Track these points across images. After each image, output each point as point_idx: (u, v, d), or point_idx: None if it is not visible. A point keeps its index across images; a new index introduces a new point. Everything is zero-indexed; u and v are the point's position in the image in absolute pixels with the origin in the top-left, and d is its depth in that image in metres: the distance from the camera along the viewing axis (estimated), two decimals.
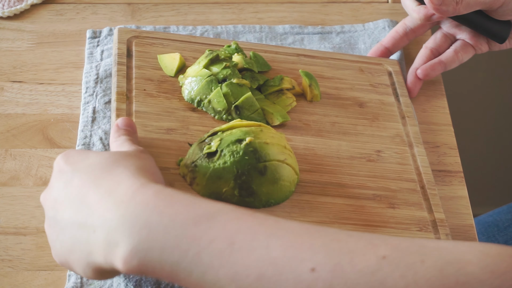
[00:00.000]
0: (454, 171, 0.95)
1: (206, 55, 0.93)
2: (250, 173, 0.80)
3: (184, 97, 0.91)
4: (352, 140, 0.91)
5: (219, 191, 0.81)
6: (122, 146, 0.79)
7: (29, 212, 0.90)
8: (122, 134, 0.81)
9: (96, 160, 0.73)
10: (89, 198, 0.70)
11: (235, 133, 0.82)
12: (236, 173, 0.80)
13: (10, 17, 1.11)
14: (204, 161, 0.81)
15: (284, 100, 0.93)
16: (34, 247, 0.87)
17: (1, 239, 0.88)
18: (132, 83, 0.91)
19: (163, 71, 0.94)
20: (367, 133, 0.92)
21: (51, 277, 0.85)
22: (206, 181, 0.81)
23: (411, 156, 0.91)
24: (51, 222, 0.73)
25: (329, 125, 0.92)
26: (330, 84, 0.97)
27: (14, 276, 0.85)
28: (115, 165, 0.72)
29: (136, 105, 0.89)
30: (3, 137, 0.97)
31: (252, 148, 0.81)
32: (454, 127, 1.01)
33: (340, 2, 1.15)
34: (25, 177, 0.93)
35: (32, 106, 1.01)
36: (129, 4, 1.13)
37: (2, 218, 0.90)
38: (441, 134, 0.99)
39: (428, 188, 0.87)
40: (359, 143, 0.91)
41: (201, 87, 0.90)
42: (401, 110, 0.96)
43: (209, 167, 0.81)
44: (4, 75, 1.04)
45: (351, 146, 0.90)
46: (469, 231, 0.91)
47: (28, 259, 0.87)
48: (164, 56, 0.95)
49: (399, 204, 0.84)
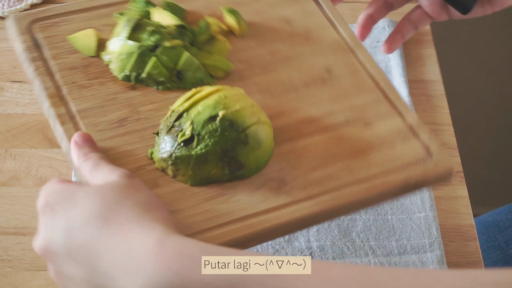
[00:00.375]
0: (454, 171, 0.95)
1: (125, 24, 0.84)
2: (235, 147, 0.76)
3: (118, 76, 0.83)
4: (298, 65, 0.86)
5: (208, 175, 0.77)
6: (99, 169, 0.71)
7: (29, 212, 0.90)
8: (89, 152, 0.73)
9: (88, 205, 0.66)
10: (102, 261, 0.64)
11: (204, 111, 0.77)
12: (221, 152, 0.76)
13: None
14: (183, 150, 0.76)
15: (219, 46, 0.86)
16: None
17: (1, 239, 0.88)
18: (57, 79, 0.81)
19: (81, 53, 0.84)
20: (308, 51, 0.88)
21: (51, 277, 0.85)
22: (191, 170, 0.77)
23: (359, 63, 0.87)
24: (59, 275, 0.68)
25: (269, 56, 0.87)
26: (249, 9, 0.91)
27: (14, 276, 0.85)
28: (116, 211, 0.65)
29: (74, 104, 0.79)
30: (3, 137, 0.97)
31: (228, 122, 0.76)
32: (454, 127, 1.01)
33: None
34: (25, 177, 0.93)
35: (32, 106, 1.01)
36: None
37: (2, 218, 0.90)
38: (441, 134, 0.99)
39: (388, 91, 0.84)
40: (306, 65, 0.86)
41: (135, 62, 0.82)
42: (326, 15, 0.91)
43: (191, 155, 0.76)
44: (4, 75, 1.04)
45: (300, 72, 0.85)
46: (469, 231, 0.91)
47: (28, 259, 0.87)
48: (76, 36, 0.84)
49: (373, 120, 0.82)
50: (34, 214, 0.90)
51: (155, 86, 0.82)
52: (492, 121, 1.80)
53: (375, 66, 0.86)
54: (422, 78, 1.05)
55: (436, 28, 1.13)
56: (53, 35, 0.84)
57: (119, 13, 0.86)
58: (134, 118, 0.79)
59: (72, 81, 0.81)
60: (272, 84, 0.85)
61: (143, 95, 0.82)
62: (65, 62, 0.82)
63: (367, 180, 0.76)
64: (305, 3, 0.92)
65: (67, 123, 0.77)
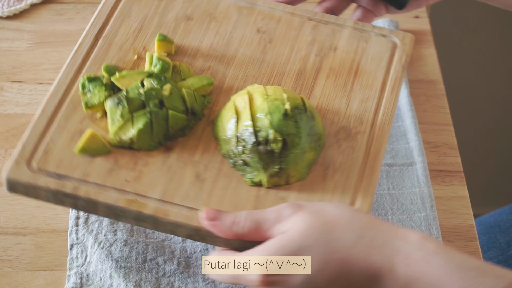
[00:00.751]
0: (454, 171, 0.95)
1: (116, 106, 0.80)
2: (312, 126, 0.81)
3: (149, 149, 0.81)
4: (287, 43, 0.92)
5: (309, 161, 0.81)
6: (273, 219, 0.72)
7: (29, 212, 0.90)
8: (232, 218, 0.73)
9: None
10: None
11: (271, 115, 0.80)
12: (308, 136, 0.81)
13: (9, 17, 1.11)
14: (285, 155, 0.80)
15: (184, 70, 0.87)
16: (34, 247, 0.87)
17: (1, 239, 0.88)
18: (125, 190, 0.78)
19: (99, 155, 0.80)
20: (283, 33, 0.93)
21: (51, 277, 0.85)
22: (299, 165, 0.80)
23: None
24: None
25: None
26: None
27: (14, 276, 0.85)
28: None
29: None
30: (3, 137, 0.97)
31: (296, 109, 0.81)
32: (454, 127, 1.00)
33: None
34: None
35: (32, 106, 1.01)
36: None
37: (2, 218, 0.90)
38: (441, 134, 0.99)
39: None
40: (297, 43, 0.92)
41: (155, 127, 0.81)
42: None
43: (295, 153, 0.80)
44: (4, 75, 1.04)
45: (292, 50, 0.92)
46: (469, 231, 0.91)
47: (28, 259, 0.86)
48: (81, 145, 0.80)
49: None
50: (34, 214, 0.90)
51: (182, 134, 0.83)
52: (492, 121, 1.80)
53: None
54: (422, 78, 1.05)
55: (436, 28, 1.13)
56: (58, 160, 0.79)
57: (88, 106, 0.82)
58: (204, 171, 0.80)
59: (125, 178, 0.79)
60: (261, 74, 0.89)
61: (181, 150, 0.82)
62: (98, 171, 0.79)
63: None
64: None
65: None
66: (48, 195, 0.77)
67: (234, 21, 0.93)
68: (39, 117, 0.81)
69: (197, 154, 0.81)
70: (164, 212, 0.76)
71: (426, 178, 0.94)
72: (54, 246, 0.88)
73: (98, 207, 0.76)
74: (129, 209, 0.76)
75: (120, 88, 0.82)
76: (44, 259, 0.87)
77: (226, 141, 0.81)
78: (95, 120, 0.82)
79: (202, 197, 0.78)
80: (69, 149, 0.79)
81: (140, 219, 0.76)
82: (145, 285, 0.84)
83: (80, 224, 0.88)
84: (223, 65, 0.89)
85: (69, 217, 0.89)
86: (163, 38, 0.89)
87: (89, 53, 0.87)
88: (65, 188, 0.76)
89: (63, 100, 0.83)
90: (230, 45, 0.91)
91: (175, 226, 0.76)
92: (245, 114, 0.80)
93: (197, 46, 0.90)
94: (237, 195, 0.79)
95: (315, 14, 0.94)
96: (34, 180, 0.76)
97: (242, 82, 0.88)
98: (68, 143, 0.79)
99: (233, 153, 0.80)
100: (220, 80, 0.88)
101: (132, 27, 0.90)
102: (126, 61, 0.87)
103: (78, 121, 0.81)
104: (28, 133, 0.80)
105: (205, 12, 0.93)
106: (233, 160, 0.80)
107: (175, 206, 0.77)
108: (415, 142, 0.97)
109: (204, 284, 0.83)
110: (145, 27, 0.91)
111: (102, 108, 0.82)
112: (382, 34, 0.93)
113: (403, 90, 1.02)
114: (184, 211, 0.76)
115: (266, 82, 0.88)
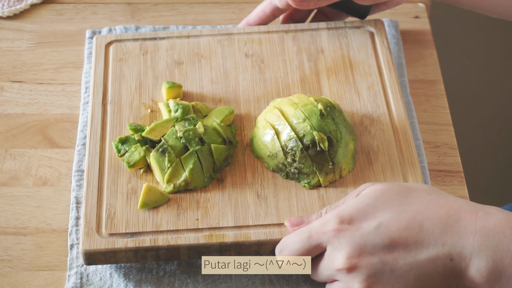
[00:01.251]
0: (454, 171, 0.95)
1: (163, 155, 0.86)
2: (345, 119, 0.89)
3: (202, 186, 0.87)
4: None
5: (353, 152, 0.88)
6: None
7: (29, 212, 0.90)
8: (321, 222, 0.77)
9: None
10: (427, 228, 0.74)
11: (309, 118, 0.86)
12: (345, 129, 0.88)
13: (10, 17, 1.11)
14: (334, 151, 0.86)
15: (203, 108, 0.92)
16: (34, 247, 0.87)
17: (1, 239, 0.88)
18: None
19: (163, 203, 0.86)
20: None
21: (51, 277, 0.85)
22: (348, 159, 0.87)
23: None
24: (375, 277, 0.74)
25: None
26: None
27: (14, 276, 0.85)
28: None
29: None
30: (3, 137, 0.97)
31: (328, 108, 0.88)
32: (454, 127, 1.00)
33: None
34: (25, 177, 0.93)
35: (32, 106, 1.01)
36: (129, 4, 1.13)
37: (2, 218, 0.90)
38: (441, 134, 0.99)
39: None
40: (287, 56, 0.98)
41: (204, 164, 0.86)
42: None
43: (342, 149, 0.86)
44: (4, 75, 1.04)
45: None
46: None
47: (28, 259, 0.87)
48: (142, 202, 0.85)
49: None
50: (34, 214, 0.90)
51: (227, 164, 0.89)
52: (492, 121, 1.80)
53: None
54: (422, 78, 1.05)
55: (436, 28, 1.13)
56: (125, 221, 0.84)
57: (130, 165, 0.87)
58: (262, 189, 0.86)
59: (194, 218, 0.84)
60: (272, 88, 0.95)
61: (232, 178, 0.87)
62: (167, 219, 0.84)
63: None
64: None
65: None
66: (129, 255, 0.81)
67: (220, 53, 0.99)
68: (87, 188, 0.86)
69: (249, 177, 0.87)
70: (244, 236, 0.82)
71: (426, 178, 0.94)
72: (54, 246, 0.88)
73: (181, 251, 0.82)
74: (211, 243, 0.81)
75: (153, 141, 0.87)
76: (44, 259, 0.87)
77: (272, 156, 0.87)
78: (140, 176, 0.87)
79: (271, 212, 0.84)
80: (129, 209, 0.84)
81: (224, 249, 0.82)
82: (145, 285, 0.84)
83: (80, 224, 0.88)
84: (232, 94, 0.95)
85: (69, 217, 0.89)
86: (172, 85, 0.93)
87: (104, 120, 0.92)
88: (144, 243, 0.81)
89: (102, 168, 0.88)
90: (229, 75, 0.96)
91: (259, 246, 0.82)
92: (283, 126, 0.86)
93: (199, 84, 0.96)
94: (301, 201, 0.85)
95: (288, 26, 1.01)
96: (112, 245, 0.81)
97: (256, 104, 0.94)
98: (126, 203, 0.85)
99: (284, 165, 0.86)
100: (236, 108, 0.94)
101: (132, 85, 0.95)
102: (142, 117, 0.93)
103: (126, 181, 0.87)
104: (84, 205, 0.85)
105: (190, 53, 0.99)
106: (285, 171, 0.86)
107: (251, 227, 0.83)
108: (415, 142, 0.97)
109: (204, 284, 0.84)
110: (143, 82, 0.96)
111: (144, 163, 0.88)
112: (355, 26, 1.01)
113: (403, 90, 1.02)
114: (261, 229, 0.82)
115: (277, 97, 0.94)
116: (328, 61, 0.97)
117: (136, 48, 0.99)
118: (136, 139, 0.88)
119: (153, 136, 0.87)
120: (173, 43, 1.00)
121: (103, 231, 0.82)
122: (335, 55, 0.98)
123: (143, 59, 0.98)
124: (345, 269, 0.74)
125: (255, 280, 0.83)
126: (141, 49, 0.99)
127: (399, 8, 1.13)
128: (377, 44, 0.99)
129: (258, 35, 1.00)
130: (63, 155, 0.96)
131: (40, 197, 0.92)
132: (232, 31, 1.01)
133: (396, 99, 0.93)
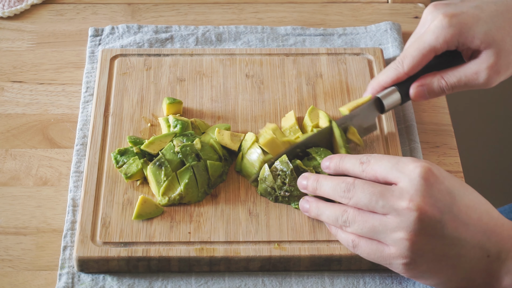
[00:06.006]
0: (454, 171, 0.95)
1: (159, 169, 0.88)
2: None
3: (198, 200, 0.88)
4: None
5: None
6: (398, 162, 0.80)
7: (29, 212, 0.90)
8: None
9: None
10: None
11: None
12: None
13: (10, 17, 1.11)
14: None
15: (200, 124, 0.94)
16: (34, 247, 0.87)
17: (1, 239, 0.88)
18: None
19: (154, 218, 0.87)
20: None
21: (51, 277, 0.85)
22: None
23: None
24: (440, 257, 0.77)
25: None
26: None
27: (14, 276, 0.85)
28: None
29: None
30: (3, 137, 0.97)
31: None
32: (454, 127, 1.01)
33: (340, 2, 1.15)
34: (25, 177, 0.93)
35: (32, 106, 1.01)
36: (129, 4, 1.14)
37: (2, 218, 0.90)
38: (441, 134, 0.99)
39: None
40: (286, 78, 1.01)
41: (205, 176, 0.89)
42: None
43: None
44: (4, 75, 1.04)
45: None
46: None
47: (28, 259, 0.87)
48: (137, 214, 0.87)
49: None
50: (34, 214, 0.90)
51: (222, 180, 0.90)
52: (492, 121, 1.80)
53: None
54: None
55: None
56: (119, 230, 0.85)
57: (128, 177, 0.89)
58: (254, 207, 0.88)
59: (187, 231, 0.86)
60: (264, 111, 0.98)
61: (226, 194, 0.89)
62: (160, 231, 0.85)
63: None
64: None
65: None
66: (121, 264, 0.83)
67: (222, 73, 1.01)
68: (84, 197, 0.88)
69: (242, 194, 0.89)
70: (234, 251, 0.84)
71: None
72: (54, 246, 0.88)
73: (172, 262, 0.84)
74: (201, 256, 0.83)
75: (151, 154, 0.90)
76: (45, 259, 0.87)
77: (261, 180, 0.88)
78: (137, 188, 0.89)
79: (262, 230, 0.86)
80: (124, 219, 0.86)
81: (213, 263, 0.84)
82: (137, 287, 0.84)
83: (76, 228, 0.88)
84: (230, 113, 0.97)
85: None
86: (173, 101, 0.95)
87: (105, 131, 0.94)
88: (137, 253, 0.83)
89: (100, 177, 0.90)
90: (228, 94, 0.98)
91: (248, 261, 0.84)
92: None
93: (199, 102, 0.98)
94: (291, 221, 0.86)
95: (289, 49, 1.04)
96: (105, 253, 0.83)
97: (253, 123, 0.96)
98: (122, 213, 0.87)
99: (273, 189, 0.87)
100: (233, 126, 0.96)
101: (134, 99, 0.97)
102: (142, 130, 0.95)
103: (122, 192, 0.88)
104: (80, 213, 0.86)
105: (193, 71, 1.01)
106: (274, 195, 0.87)
107: (241, 243, 0.85)
108: (415, 143, 0.97)
109: (197, 285, 0.84)
110: (145, 96, 0.98)
111: (141, 175, 0.89)
112: (354, 53, 1.03)
113: None
114: (251, 245, 0.84)
115: (273, 118, 0.97)
116: (326, 85, 1.00)
117: (140, 63, 1.01)
118: (135, 151, 0.90)
119: (151, 149, 0.89)
120: (177, 60, 1.01)
121: (98, 239, 0.84)
122: (333, 80, 1.00)
123: (147, 74, 1.00)
124: (410, 210, 0.76)
125: (248, 281, 0.84)
126: (145, 64, 1.01)
127: (399, 8, 1.14)
128: (374, 72, 1.01)
129: (259, 56, 1.03)
130: (64, 155, 0.96)
131: (41, 197, 0.92)
132: (234, 51, 1.03)
133: (390, 126, 0.95)
